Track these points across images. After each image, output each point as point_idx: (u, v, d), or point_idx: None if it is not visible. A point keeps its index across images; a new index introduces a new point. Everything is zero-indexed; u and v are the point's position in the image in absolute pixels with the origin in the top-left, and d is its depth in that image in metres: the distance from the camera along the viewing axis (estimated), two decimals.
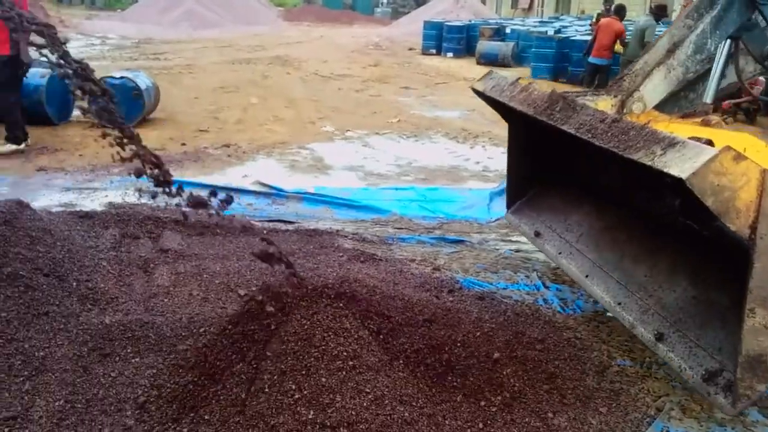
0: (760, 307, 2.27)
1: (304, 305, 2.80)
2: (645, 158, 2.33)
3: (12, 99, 6.77)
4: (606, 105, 3.06)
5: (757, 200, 2.15)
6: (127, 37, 20.90)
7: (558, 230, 3.95)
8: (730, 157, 2.11)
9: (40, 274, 3.29)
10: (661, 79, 3.05)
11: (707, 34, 3.04)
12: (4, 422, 2.54)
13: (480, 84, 3.81)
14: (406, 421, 2.50)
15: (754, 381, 2.35)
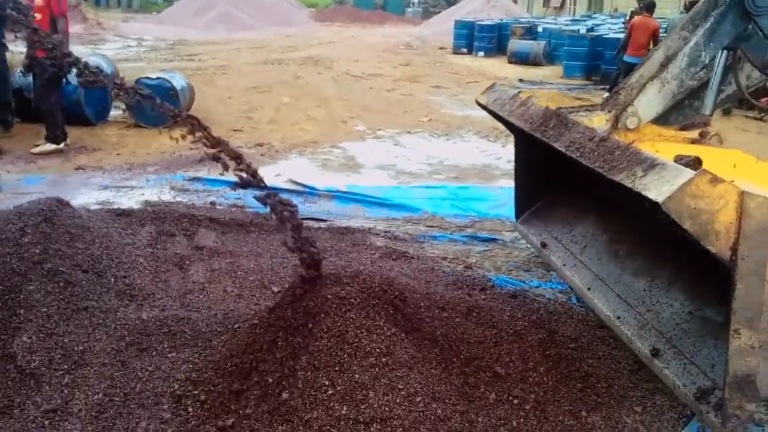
0: (745, 328, 2.25)
1: (337, 302, 2.81)
2: (626, 180, 2.32)
3: (53, 99, 6.94)
4: (600, 120, 3.01)
5: (737, 222, 2.13)
6: (162, 38, 21.25)
7: (563, 241, 3.90)
8: (706, 180, 2.09)
9: (79, 271, 3.36)
10: (655, 93, 2.99)
11: (701, 47, 2.96)
12: (45, 415, 2.61)
13: (483, 97, 3.79)
14: (439, 418, 2.49)
15: (743, 401, 2.34)
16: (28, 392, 2.72)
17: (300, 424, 2.42)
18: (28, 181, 5.88)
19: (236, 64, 15.45)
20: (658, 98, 2.98)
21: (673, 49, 3.01)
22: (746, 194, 2.11)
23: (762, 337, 2.27)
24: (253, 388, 2.61)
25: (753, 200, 2.11)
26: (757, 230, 2.13)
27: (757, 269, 2.18)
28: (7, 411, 2.63)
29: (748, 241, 2.14)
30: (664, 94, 2.99)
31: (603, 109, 3.04)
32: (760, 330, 2.26)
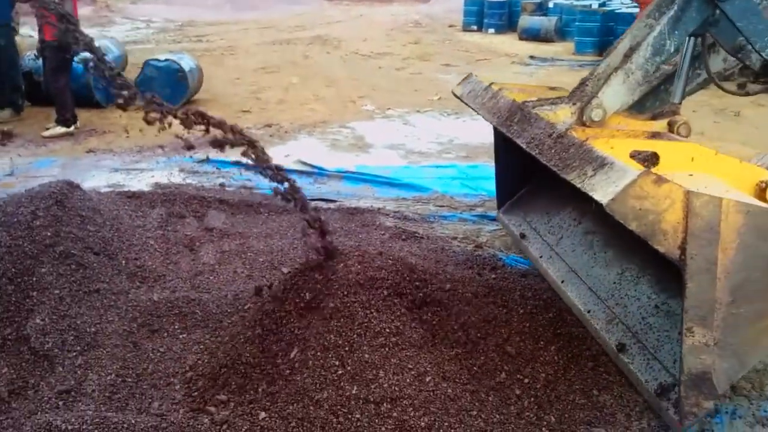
0: (698, 326, 2.24)
1: (346, 282, 2.81)
2: (577, 179, 2.30)
3: (62, 82, 6.95)
4: (566, 113, 2.93)
5: (684, 221, 2.11)
6: (170, 20, 21.14)
7: (541, 232, 3.87)
8: (650, 181, 2.07)
9: (90, 253, 3.38)
10: (620, 84, 2.90)
11: (665, 35, 2.87)
12: (59, 395, 2.64)
13: (458, 88, 3.74)
14: (449, 397, 2.50)
15: (700, 398, 2.33)
16: (42, 373, 2.76)
17: (311, 404, 2.44)
18: (39, 164, 5.90)
19: (244, 45, 15.37)
20: (623, 89, 2.90)
21: (639, 38, 2.92)
22: (692, 193, 2.08)
23: (716, 334, 2.26)
24: (264, 368, 2.62)
25: (699, 199, 2.09)
26: (704, 229, 2.11)
27: (707, 267, 2.16)
28: (21, 392, 2.67)
29: (696, 240, 2.12)
30: (629, 84, 2.91)
31: (569, 102, 2.97)
32: (713, 328, 2.24)
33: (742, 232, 2.14)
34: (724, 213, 2.10)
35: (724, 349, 2.27)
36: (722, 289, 2.19)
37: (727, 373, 2.32)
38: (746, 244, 2.16)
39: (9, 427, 2.46)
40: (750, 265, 2.20)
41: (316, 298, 2.79)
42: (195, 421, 2.45)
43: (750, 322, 2.27)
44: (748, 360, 2.36)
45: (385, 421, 2.38)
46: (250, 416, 2.45)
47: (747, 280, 2.21)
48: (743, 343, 2.30)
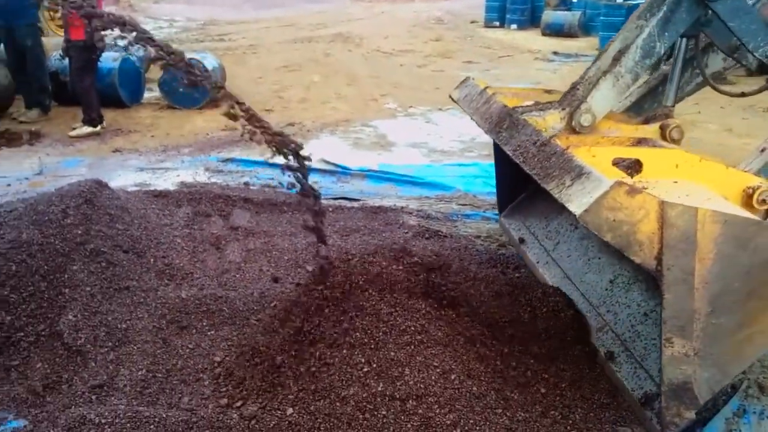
0: (678, 337, 2.22)
1: (371, 281, 2.84)
2: (555, 189, 2.27)
3: (88, 82, 7.06)
4: (555, 119, 2.87)
5: (659, 232, 2.08)
6: (193, 19, 21.33)
7: (539, 237, 3.84)
8: (623, 192, 2.03)
9: (120, 251, 3.45)
10: (609, 88, 2.83)
11: (655, 37, 2.79)
12: (92, 390, 2.70)
13: (456, 92, 3.69)
14: (475, 395, 2.51)
15: (681, 408, 2.32)
16: (75, 368, 2.83)
17: (337, 400, 2.47)
18: (67, 164, 6.01)
19: (266, 43, 15.46)
20: (612, 93, 2.83)
21: (629, 40, 2.87)
22: (666, 204, 2.06)
23: (696, 345, 2.24)
24: (291, 364, 2.66)
25: (673, 210, 2.06)
26: (680, 239, 2.09)
27: (684, 278, 2.14)
28: (55, 386, 2.74)
29: (672, 250, 2.10)
30: (618, 88, 2.84)
31: (559, 107, 2.93)
32: (693, 338, 2.22)
33: (720, 242, 2.11)
34: (700, 223, 2.08)
35: (705, 359, 2.26)
36: (701, 299, 2.17)
37: (708, 383, 2.30)
38: (724, 254, 2.13)
39: (44, 420, 2.52)
40: (729, 275, 2.17)
41: (341, 296, 2.82)
42: (224, 416, 2.49)
43: (731, 332, 2.25)
44: (730, 370, 2.33)
45: (410, 418, 2.41)
46: (278, 412, 2.49)
47: (726, 290, 2.18)
48: (725, 353, 2.28)
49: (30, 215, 3.37)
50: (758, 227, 2.14)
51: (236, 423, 2.45)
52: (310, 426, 2.42)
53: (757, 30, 2.80)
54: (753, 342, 2.27)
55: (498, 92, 3.30)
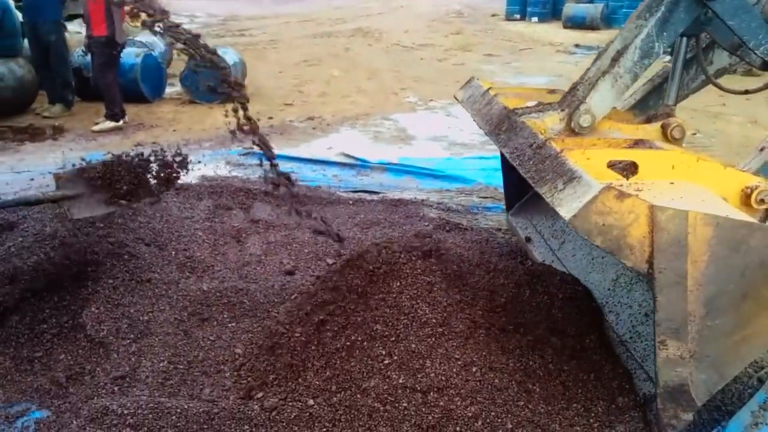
0: (672, 339, 2.19)
1: (392, 272, 2.82)
2: (548, 193, 2.24)
3: (110, 78, 7.13)
4: (554, 120, 2.80)
5: (650, 236, 2.04)
6: (213, 14, 21.46)
7: (545, 236, 3.79)
8: (612, 196, 2.00)
9: (142, 244, 3.48)
10: (608, 89, 2.76)
11: (653, 37, 2.71)
12: (114, 381, 2.72)
13: (460, 93, 3.64)
14: (497, 388, 2.49)
15: (678, 410, 2.30)
16: (97, 360, 2.85)
17: (358, 392, 2.46)
18: (90, 158, 6.05)
19: (286, 38, 15.50)
20: (611, 94, 2.77)
21: (628, 40, 2.81)
22: (656, 208, 2.02)
23: (692, 347, 2.20)
24: (312, 357, 2.65)
25: (664, 213, 2.03)
26: (671, 243, 2.05)
27: (677, 281, 2.10)
28: (78, 377, 2.76)
29: (663, 254, 2.06)
30: (617, 89, 2.78)
31: (558, 108, 2.88)
32: (688, 340, 2.19)
33: (713, 245, 2.08)
34: (691, 226, 2.05)
35: (701, 361, 2.23)
36: (695, 301, 2.14)
37: (705, 385, 2.27)
38: (717, 257, 2.10)
39: (67, 411, 2.55)
40: (723, 277, 2.13)
41: (362, 289, 2.81)
42: (245, 407, 2.49)
43: (726, 333, 2.21)
44: (727, 372, 2.29)
45: (431, 410, 2.39)
46: (299, 403, 2.48)
47: (721, 292, 2.15)
48: (721, 355, 2.25)
49: (53, 209, 3.40)
50: (751, 229, 2.10)
51: (257, 414, 2.45)
52: (330, 417, 2.42)
53: (758, 28, 2.73)
54: (749, 343, 2.24)
55: (500, 93, 3.26)
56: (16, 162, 5.92)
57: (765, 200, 2.44)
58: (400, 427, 2.36)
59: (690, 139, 7.06)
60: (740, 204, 2.46)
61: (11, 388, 2.69)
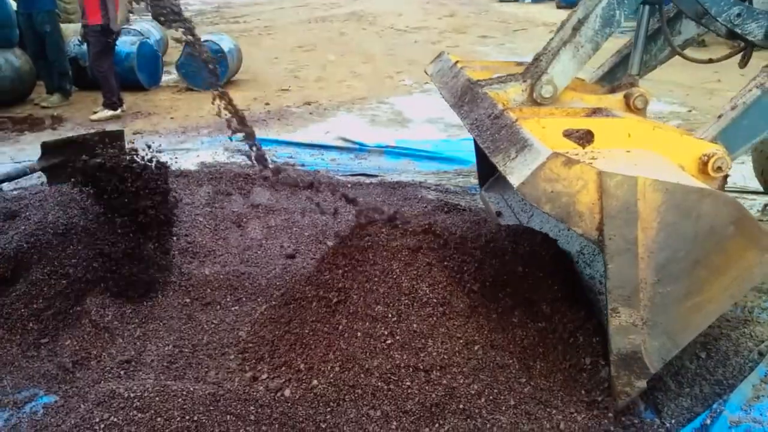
0: (624, 306, 2.20)
1: (391, 252, 2.84)
2: (500, 162, 2.24)
3: (106, 66, 7.12)
4: (516, 91, 2.78)
5: (599, 202, 2.05)
6: (207, 2, 21.32)
7: (515, 209, 3.78)
8: (559, 163, 2.00)
9: None
10: (569, 58, 2.73)
11: (614, 6, 2.69)
12: (120, 365, 2.75)
13: (430, 67, 3.60)
14: (499, 365, 2.52)
15: (632, 378, 2.31)
16: (103, 345, 2.88)
17: (361, 372, 2.49)
18: None
19: (281, 24, 15.43)
20: (572, 63, 2.74)
21: (589, 10, 2.79)
22: (605, 174, 2.02)
23: (644, 314, 2.21)
24: (314, 337, 2.68)
25: (612, 179, 2.03)
26: (620, 209, 2.06)
27: (627, 248, 2.11)
28: (84, 362, 2.79)
29: (613, 221, 2.07)
30: (579, 58, 2.75)
31: (520, 79, 2.87)
32: (640, 307, 2.20)
33: (662, 211, 2.08)
34: (640, 192, 2.05)
35: (653, 328, 2.24)
36: (646, 268, 2.15)
37: (659, 353, 2.28)
38: (667, 223, 2.10)
39: (74, 395, 2.57)
40: (673, 243, 2.14)
41: (362, 270, 2.83)
42: (250, 389, 2.52)
43: (678, 300, 2.22)
44: (680, 339, 2.30)
45: (435, 388, 2.42)
46: (303, 384, 2.51)
47: (672, 259, 2.16)
48: (674, 322, 2.25)
49: (55, 197, 3.42)
50: (701, 195, 2.10)
51: (262, 395, 2.48)
52: (335, 397, 2.45)
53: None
54: (702, 310, 2.25)
55: (467, 66, 3.23)
56: (16, 152, 5.92)
57: (722, 168, 2.43)
58: (405, 405, 2.40)
59: (686, 116, 7.07)
60: (698, 172, 2.45)
61: (19, 374, 2.71)
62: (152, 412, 2.35)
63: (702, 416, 2.46)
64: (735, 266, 2.19)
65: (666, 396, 2.55)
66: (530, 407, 2.42)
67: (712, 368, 2.67)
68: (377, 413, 2.38)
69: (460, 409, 2.39)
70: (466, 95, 2.89)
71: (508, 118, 2.42)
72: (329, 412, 2.40)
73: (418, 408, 2.39)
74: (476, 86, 2.86)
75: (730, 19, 2.73)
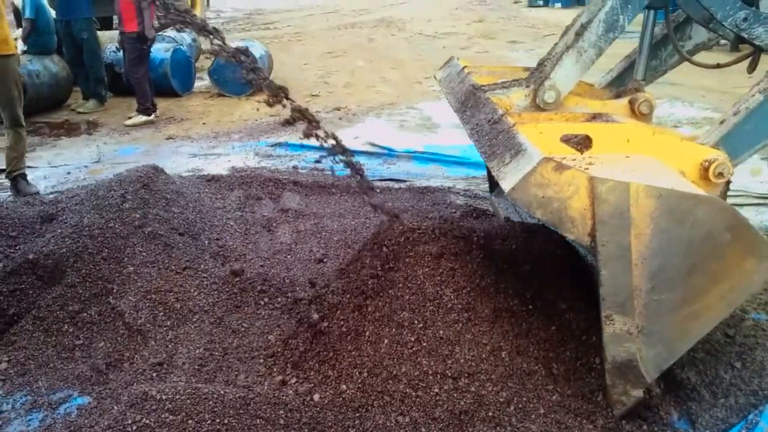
0: (618, 314, 2.15)
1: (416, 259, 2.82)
2: (495, 167, 2.21)
3: (141, 73, 7.26)
4: (519, 96, 2.74)
5: (591, 208, 2.01)
6: (238, 9, 21.61)
7: (524, 216, 3.73)
8: (550, 168, 1.97)
9: (176, 234, 3.54)
10: (572, 63, 2.67)
11: (617, 10, 2.64)
12: (153, 367, 2.79)
13: (440, 73, 3.58)
14: (525, 372, 2.49)
15: (627, 386, 2.27)
16: (136, 347, 2.92)
17: (389, 378, 2.48)
18: (123, 152, 6.20)
19: (310, 31, 15.55)
20: (575, 69, 2.68)
21: (594, 14, 2.73)
22: (596, 179, 1.99)
23: (639, 322, 2.16)
24: (342, 344, 2.69)
25: (604, 185, 1.99)
26: (612, 215, 2.02)
27: (620, 254, 2.06)
28: (118, 364, 2.84)
29: (605, 226, 2.03)
30: (582, 63, 2.68)
31: (524, 84, 2.81)
32: (635, 315, 2.14)
33: (656, 217, 2.03)
34: (633, 198, 2.01)
35: (649, 336, 2.19)
36: (640, 275, 2.10)
37: (655, 361, 2.23)
38: (661, 229, 2.05)
39: (108, 397, 2.61)
40: (668, 250, 2.09)
41: (387, 276, 2.82)
42: (280, 393, 2.53)
43: (674, 308, 2.17)
44: (677, 348, 2.25)
45: (463, 396, 2.41)
46: (332, 388, 2.52)
47: (666, 266, 2.11)
48: (670, 331, 2.20)
49: (91, 200, 3.49)
50: (696, 201, 2.05)
51: (292, 399, 2.49)
52: (363, 402, 2.45)
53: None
54: (699, 318, 2.19)
55: (474, 71, 3.21)
56: (53, 156, 6.07)
57: (723, 173, 2.37)
58: (433, 412, 2.39)
59: None
60: (699, 178, 2.40)
61: (53, 375, 2.78)
62: (183, 415, 2.37)
63: (737, 427, 2.40)
64: (733, 274, 2.14)
65: (700, 406, 2.50)
66: (560, 416, 2.40)
67: (748, 378, 2.61)
68: (406, 419, 2.38)
69: (489, 416, 2.38)
70: (469, 100, 2.88)
71: (506, 123, 2.40)
72: (358, 418, 2.40)
73: (447, 415, 2.38)
74: (479, 91, 2.85)
75: (737, 23, 2.67)
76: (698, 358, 2.70)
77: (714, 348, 2.77)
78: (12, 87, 4.76)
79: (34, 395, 2.66)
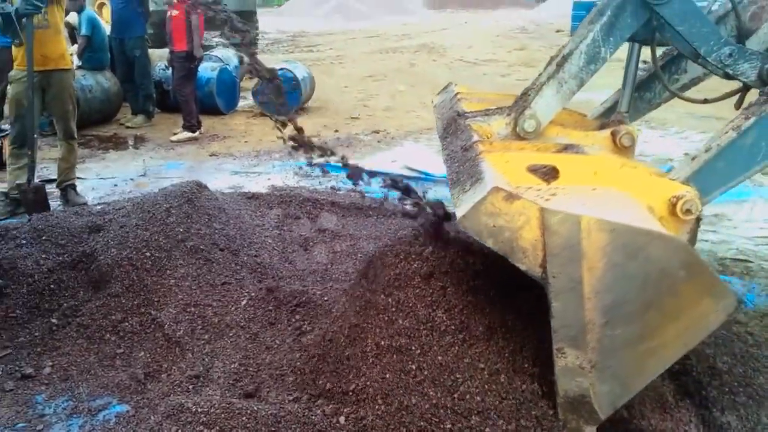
0: (570, 347, 2.08)
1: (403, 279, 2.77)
2: (455, 195, 2.19)
3: (188, 90, 7.49)
4: (500, 124, 2.71)
5: (542, 239, 1.97)
6: (283, 31, 22.08)
7: None
8: (500, 198, 1.94)
9: (216, 249, 3.62)
10: (552, 94, 2.65)
11: (599, 43, 2.62)
12: (189, 380, 2.84)
13: (436, 98, 3.58)
14: (528, 399, 2.40)
15: (581, 422, 2.19)
16: (174, 359, 2.99)
17: (401, 409, 2.37)
18: (168, 166, 6.38)
19: (352, 54, 15.78)
20: (556, 99, 2.66)
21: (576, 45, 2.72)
22: (546, 210, 1.95)
23: (592, 357, 2.09)
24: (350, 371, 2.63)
25: (555, 216, 1.95)
26: (564, 247, 1.97)
27: (572, 287, 2.01)
28: (156, 375, 2.90)
29: (556, 258, 1.98)
30: (562, 94, 2.66)
31: (506, 112, 2.80)
32: (587, 349, 2.08)
33: (608, 251, 1.98)
34: (585, 231, 1.96)
35: (602, 371, 2.12)
36: (593, 309, 2.04)
37: (609, 398, 2.16)
38: (614, 263, 2.00)
39: (145, 406, 2.67)
40: (621, 285, 2.03)
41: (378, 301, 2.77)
42: (309, 412, 2.53)
43: (630, 344, 2.10)
44: (632, 385, 2.17)
45: None
46: (353, 414, 2.48)
47: (621, 301, 2.05)
48: (625, 367, 2.13)
49: (137, 213, 3.60)
50: (650, 237, 2.00)
51: (320, 420, 2.47)
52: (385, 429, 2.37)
53: (709, 33, 2.59)
54: (655, 356, 2.13)
55: (465, 97, 3.21)
56: (101, 168, 6.27)
57: (691, 210, 2.28)
58: None
59: None
60: (668, 214, 2.33)
61: (94, 382, 2.85)
62: (217, 429, 2.40)
63: None
64: (689, 312, 2.09)
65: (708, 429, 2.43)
66: None
67: None
68: None
69: None
70: (450, 127, 2.89)
71: (475, 150, 2.40)
72: None
73: None
74: (461, 118, 2.86)
75: (721, 59, 2.62)
76: (739, 402, 2.64)
77: (756, 392, 2.70)
78: (67, 101, 4.97)
79: (75, 401, 2.73)
